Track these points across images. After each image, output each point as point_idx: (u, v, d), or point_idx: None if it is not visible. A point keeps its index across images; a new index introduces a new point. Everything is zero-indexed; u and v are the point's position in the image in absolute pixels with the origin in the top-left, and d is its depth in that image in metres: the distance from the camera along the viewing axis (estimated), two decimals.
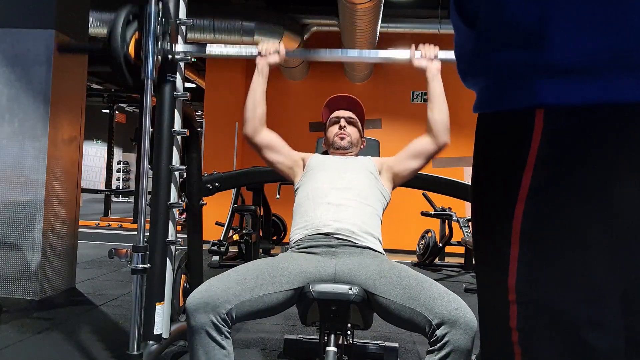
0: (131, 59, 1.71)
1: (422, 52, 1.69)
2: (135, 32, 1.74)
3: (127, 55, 1.69)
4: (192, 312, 1.33)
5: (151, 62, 1.69)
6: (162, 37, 1.74)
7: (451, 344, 1.29)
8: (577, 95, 0.53)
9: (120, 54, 1.66)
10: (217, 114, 6.75)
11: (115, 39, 1.65)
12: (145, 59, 1.69)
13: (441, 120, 1.70)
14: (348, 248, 1.56)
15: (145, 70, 1.69)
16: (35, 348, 2.33)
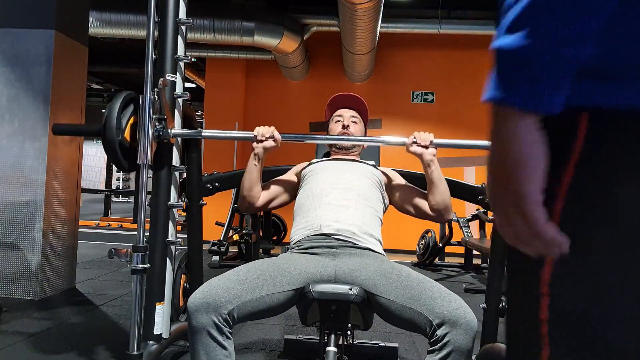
0: (127, 143, 1.73)
1: (417, 139, 1.68)
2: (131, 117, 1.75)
3: (123, 140, 1.71)
4: (193, 312, 1.33)
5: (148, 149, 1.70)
6: (158, 122, 1.74)
7: (452, 344, 1.28)
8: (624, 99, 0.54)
9: (115, 141, 1.68)
10: (217, 114, 6.75)
11: (110, 127, 1.67)
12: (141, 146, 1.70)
13: (442, 202, 1.70)
14: (348, 249, 1.56)
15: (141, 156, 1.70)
16: (35, 348, 2.32)
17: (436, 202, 1.71)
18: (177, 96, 1.87)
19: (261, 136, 1.72)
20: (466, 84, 6.53)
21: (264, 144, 1.71)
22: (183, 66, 1.92)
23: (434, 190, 1.71)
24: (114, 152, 1.70)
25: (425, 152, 1.69)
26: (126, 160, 1.74)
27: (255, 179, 1.75)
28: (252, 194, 1.75)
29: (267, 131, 1.72)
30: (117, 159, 1.72)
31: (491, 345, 2.03)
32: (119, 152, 1.70)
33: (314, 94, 6.67)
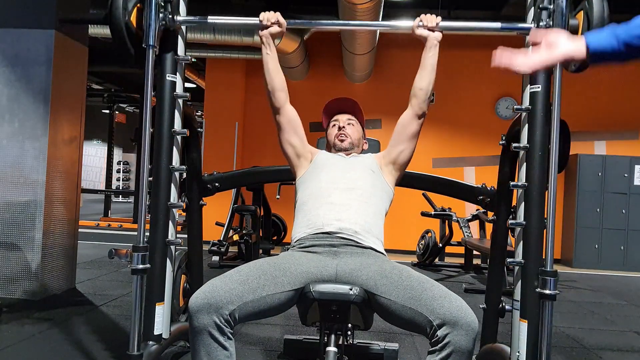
0: (133, 28, 1.71)
1: (423, 21, 1.71)
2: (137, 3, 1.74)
3: (129, 23, 1.69)
4: (194, 312, 1.33)
5: (153, 30, 1.70)
6: (164, 7, 1.74)
7: (452, 345, 1.28)
8: None
9: (121, 22, 1.66)
10: (217, 114, 6.75)
11: (116, 7, 1.66)
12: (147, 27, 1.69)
13: (426, 88, 1.77)
14: (350, 248, 1.55)
15: (146, 38, 1.69)
16: (35, 348, 2.32)
17: (420, 88, 1.77)
18: (177, 96, 1.87)
19: (266, 21, 1.73)
20: (466, 84, 6.53)
21: (270, 30, 1.73)
22: (183, 66, 1.92)
23: (424, 75, 1.77)
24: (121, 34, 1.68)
25: (431, 35, 1.74)
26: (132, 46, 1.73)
27: (274, 69, 1.76)
28: (276, 84, 1.76)
29: (272, 16, 1.75)
30: (123, 40, 1.70)
31: (491, 345, 2.03)
32: (125, 34, 1.68)
33: (314, 94, 6.66)
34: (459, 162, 6.48)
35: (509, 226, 1.75)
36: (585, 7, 1.51)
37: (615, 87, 6.49)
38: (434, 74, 1.77)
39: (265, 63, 1.77)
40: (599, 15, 1.47)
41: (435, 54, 1.75)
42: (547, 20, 1.57)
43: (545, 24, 1.58)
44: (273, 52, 1.77)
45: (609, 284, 5.05)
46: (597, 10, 1.48)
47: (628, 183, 6.03)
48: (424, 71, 1.77)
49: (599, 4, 1.48)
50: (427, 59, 1.76)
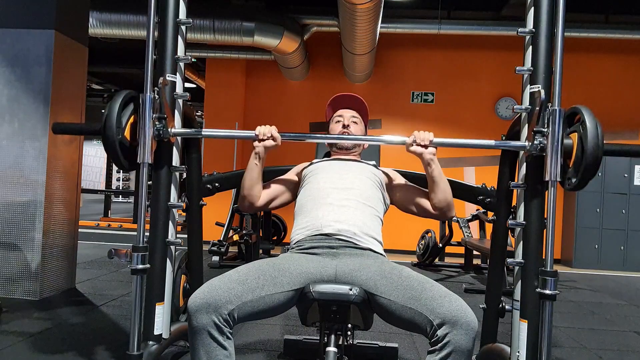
0: (127, 142, 1.72)
1: (417, 138, 1.68)
2: (132, 116, 1.74)
3: (123, 139, 1.71)
4: (193, 312, 1.33)
5: (147, 147, 1.69)
6: (159, 121, 1.74)
7: (452, 344, 1.29)
8: None
9: (115, 140, 1.67)
10: (217, 114, 6.75)
11: (110, 125, 1.67)
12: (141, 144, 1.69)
13: (444, 199, 1.71)
14: (349, 249, 1.56)
15: (141, 155, 1.70)
16: (35, 348, 2.32)
17: (438, 200, 1.71)
18: (177, 96, 1.87)
19: (262, 135, 1.72)
20: (466, 84, 6.53)
21: (265, 143, 1.72)
22: (183, 66, 1.92)
23: (435, 189, 1.71)
24: (114, 151, 1.70)
25: (425, 152, 1.69)
26: (126, 160, 1.74)
27: (256, 178, 1.75)
28: (252, 193, 1.75)
29: (267, 130, 1.72)
30: (117, 157, 1.72)
31: (491, 345, 2.03)
32: (118, 151, 1.70)
33: (314, 94, 6.67)
34: (459, 162, 6.48)
35: (509, 226, 1.75)
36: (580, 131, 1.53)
37: (615, 87, 6.49)
38: (445, 183, 1.71)
39: (250, 170, 1.74)
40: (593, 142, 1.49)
41: (437, 167, 1.70)
42: (542, 140, 1.58)
43: (539, 143, 1.59)
44: (261, 165, 1.75)
45: (609, 284, 5.05)
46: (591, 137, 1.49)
47: (628, 183, 6.03)
48: (434, 186, 1.71)
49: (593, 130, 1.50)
50: (430, 174, 1.70)
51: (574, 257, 6.06)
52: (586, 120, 1.52)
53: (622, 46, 6.34)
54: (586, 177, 1.52)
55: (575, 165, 1.54)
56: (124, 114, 1.73)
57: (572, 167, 1.56)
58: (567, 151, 1.57)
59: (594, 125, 1.51)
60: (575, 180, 1.53)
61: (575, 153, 1.55)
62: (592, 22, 5.57)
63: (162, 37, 1.86)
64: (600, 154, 1.49)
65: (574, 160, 1.55)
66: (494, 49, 6.38)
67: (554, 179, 1.55)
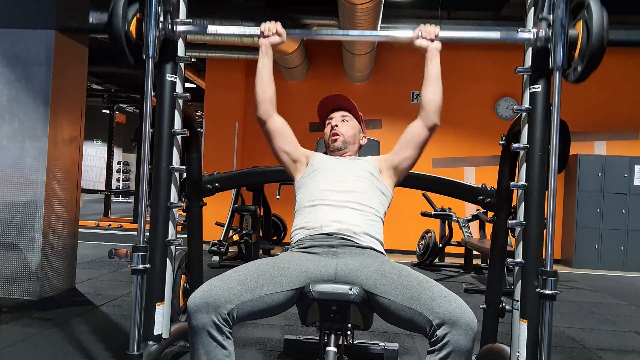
0: (132, 38, 1.71)
1: (422, 32, 1.69)
2: (137, 13, 1.74)
3: (128, 33, 1.69)
4: (193, 312, 1.33)
5: (152, 41, 1.69)
6: (164, 17, 1.74)
7: (452, 344, 1.28)
8: None
9: (121, 32, 1.66)
10: (217, 114, 6.75)
11: (116, 17, 1.66)
12: (146, 37, 1.69)
13: (434, 99, 1.73)
14: (349, 248, 1.55)
15: (146, 48, 1.69)
16: (35, 348, 2.32)
17: (427, 100, 1.73)
18: (177, 96, 1.87)
19: (267, 31, 1.72)
20: (466, 84, 6.53)
21: (270, 39, 1.72)
22: (183, 66, 1.92)
23: (428, 86, 1.73)
24: (121, 43, 1.68)
25: (431, 45, 1.71)
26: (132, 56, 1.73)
27: (267, 79, 1.75)
28: (266, 96, 1.74)
29: (272, 26, 1.73)
30: (123, 50, 1.70)
31: (491, 345, 2.03)
32: (125, 43, 1.68)
33: (314, 94, 6.66)
34: (459, 162, 6.47)
35: (509, 226, 1.75)
36: (585, 17, 1.51)
37: (615, 87, 6.49)
38: (439, 84, 1.73)
39: (260, 73, 1.75)
40: (599, 24, 1.47)
41: (438, 64, 1.73)
42: (547, 30, 1.57)
43: (544, 33, 1.58)
44: (270, 62, 1.75)
45: (609, 284, 5.05)
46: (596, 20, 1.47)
47: (628, 183, 6.03)
48: (428, 82, 1.73)
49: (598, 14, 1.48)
50: (430, 70, 1.72)
51: (574, 257, 6.06)
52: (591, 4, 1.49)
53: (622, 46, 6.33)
54: (591, 65, 1.50)
55: (581, 54, 1.52)
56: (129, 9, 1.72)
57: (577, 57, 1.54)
58: (572, 42, 1.54)
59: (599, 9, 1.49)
60: (581, 67, 1.51)
61: (581, 42, 1.52)
62: None
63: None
64: (605, 37, 1.46)
65: (579, 49, 1.53)
66: (494, 49, 6.37)
67: (559, 64, 1.53)
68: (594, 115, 6.43)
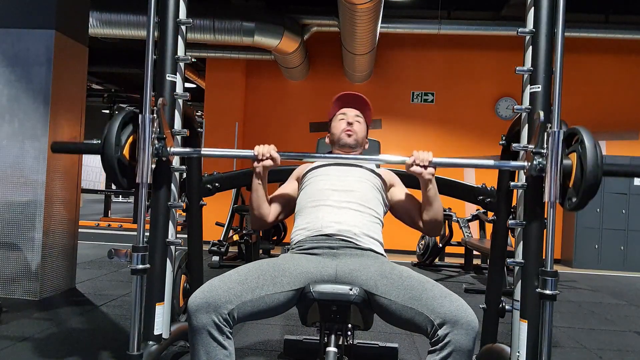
0: (125, 161, 1.71)
1: (417, 159, 1.67)
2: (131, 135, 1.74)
3: (122, 158, 1.70)
4: (193, 312, 1.33)
5: (146, 167, 1.69)
6: (158, 141, 1.73)
7: (453, 344, 1.29)
8: None
9: (114, 158, 1.66)
10: (217, 114, 6.75)
11: (109, 144, 1.66)
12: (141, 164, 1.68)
13: (434, 220, 1.72)
14: (349, 250, 1.56)
15: (140, 175, 1.69)
16: (35, 348, 2.32)
17: (429, 219, 1.72)
18: (177, 96, 1.87)
19: (261, 156, 1.71)
20: (466, 84, 6.53)
21: (264, 163, 1.71)
22: (183, 66, 1.92)
23: (428, 209, 1.71)
24: (113, 170, 1.69)
25: (425, 172, 1.68)
26: (124, 178, 1.73)
27: (262, 197, 1.75)
28: (262, 212, 1.75)
29: (266, 150, 1.71)
30: (115, 176, 1.71)
31: (491, 345, 2.03)
32: (117, 170, 1.69)
33: (314, 94, 6.66)
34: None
35: (509, 226, 1.75)
36: (579, 151, 1.53)
37: (615, 87, 6.49)
38: (439, 204, 1.72)
39: (255, 191, 1.74)
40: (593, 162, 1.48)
41: (434, 187, 1.70)
42: (541, 160, 1.58)
43: (538, 163, 1.58)
44: (264, 183, 1.74)
45: (609, 284, 5.05)
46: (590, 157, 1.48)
47: (628, 183, 6.03)
48: (428, 206, 1.70)
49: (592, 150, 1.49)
50: (427, 193, 1.69)
51: (574, 257, 6.06)
52: (585, 140, 1.51)
53: (622, 46, 6.34)
54: (586, 197, 1.51)
55: (575, 186, 1.53)
56: (123, 132, 1.72)
57: (571, 188, 1.55)
58: (566, 171, 1.56)
59: (592, 145, 1.50)
60: (576, 200, 1.52)
61: (575, 174, 1.53)
62: (592, 22, 5.57)
63: (162, 37, 1.86)
64: (600, 174, 1.48)
65: (573, 181, 1.54)
66: (494, 49, 6.37)
67: (553, 200, 1.54)
68: (594, 115, 6.44)
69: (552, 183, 1.54)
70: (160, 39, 1.85)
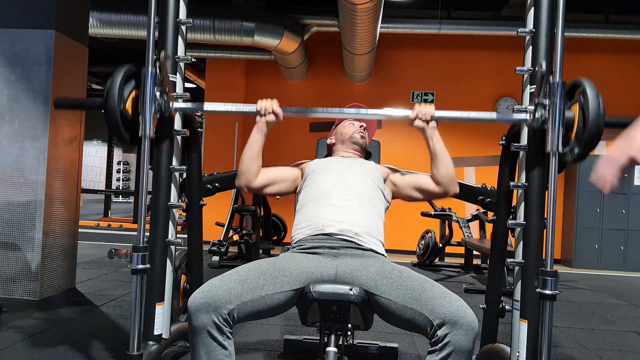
0: (128, 116, 1.71)
1: (419, 114, 1.68)
2: (133, 90, 1.74)
3: (124, 112, 1.69)
4: (194, 312, 1.33)
5: (148, 120, 1.69)
6: (160, 95, 1.73)
7: (452, 345, 1.29)
8: None
9: (117, 111, 1.66)
10: (217, 115, 6.74)
11: (112, 97, 1.66)
12: (143, 117, 1.68)
13: (447, 174, 1.70)
14: (350, 250, 1.56)
15: (142, 128, 1.69)
16: (35, 348, 2.32)
17: (441, 176, 1.70)
18: (177, 96, 1.87)
19: (264, 110, 1.71)
20: (466, 84, 6.53)
21: (267, 118, 1.71)
22: (183, 66, 1.92)
23: (437, 164, 1.70)
24: (116, 123, 1.68)
25: (427, 127, 1.69)
26: (127, 133, 1.73)
27: (256, 153, 1.72)
28: (251, 169, 1.71)
29: (268, 105, 1.71)
30: (118, 130, 1.70)
31: (491, 345, 2.03)
32: (120, 123, 1.69)
33: (314, 94, 6.66)
34: (459, 162, 6.47)
35: (509, 226, 1.75)
36: (581, 101, 1.53)
37: (615, 87, 6.49)
38: (448, 157, 1.70)
39: (251, 145, 1.71)
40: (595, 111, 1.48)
41: (439, 140, 1.70)
42: (543, 112, 1.58)
43: (540, 115, 1.58)
44: (263, 139, 1.72)
45: (609, 284, 5.05)
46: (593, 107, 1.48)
47: (628, 183, 6.03)
48: (436, 160, 1.70)
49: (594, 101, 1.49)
50: (432, 147, 1.70)
51: (574, 257, 6.06)
52: (587, 90, 1.51)
53: (622, 46, 6.34)
54: (588, 147, 1.51)
55: (577, 136, 1.53)
56: (125, 87, 1.71)
57: (574, 139, 1.55)
58: (568, 124, 1.56)
59: (595, 95, 1.50)
60: (578, 150, 1.52)
61: (577, 124, 1.53)
62: (592, 22, 5.57)
63: (162, 37, 1.86)
64: (602, 123, 1.48)
65: (575, 132, 1.54)
66: (494, 49, 6.37)
67: (555, 149, 1.54)
68: None
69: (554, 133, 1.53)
70: (160, 39, 1.86)
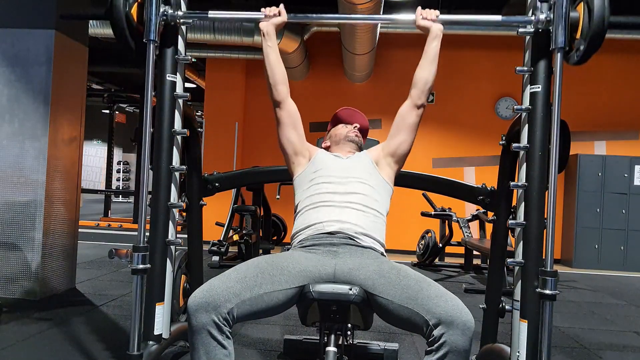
0: (134, 22, 1.71)
1: (424, 14, 1.74)
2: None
3: (130, 15, 1.68)
4: (193, 311, 1.33)
5: (154, 25, 1.69)
6: (165, 1, 1.75)
7: (448, 344, 1.28)
8: None
9: (122, 14, 1.65)
10: (217, 114, 6.75)
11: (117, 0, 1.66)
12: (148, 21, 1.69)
13: (427, 79, 1.80)
14: (349, 247, 1.55)
15: (147, 33, 1.69)
16: (35, 348, 2.32)
17: (421, 77, 1.80)
18: (177, 96, 1.87)
19: (268, 11, 1.78)
20: (466, 84, 6.53)
21: (272, 20, 1.76)
22: (183, 66, 1.92)
23: (425, 65, 1.80)
24: (121, 26, 1.68)
25: (434, 25, 1.75)
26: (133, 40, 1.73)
27: (275, 60, 1.79)
28: (276, 77, 1.79)
29: (274, 9, 1.79)
30: (123, 33, 1.69)
31: (491, 345, 2.03)
32: (126, 26, 1.68)
33: (314, 94, 6.66)
34: (459, 162, 6.47)
35: (509, 226, 1.75)
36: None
37: (615, 87, 6.49)
38: (435, 65, 1.79)
39: (267, 55, 1.79)
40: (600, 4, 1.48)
41: (438, 45, 1.79)
42: (548, 12, 1.57)
43: (545, 16, 1.58)
44: (274, 44, 1.79)
45: (609, 284, 5.05)
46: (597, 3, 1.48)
47: (628, 183, 6.03)
48: (425, 61, 1.81)
49: None
50: (430, 49, 1.79)
51: (574, 257, 6.06)
52: None
53: (622, 46, 6.33)
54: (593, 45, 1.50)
55: (583, 34, 1.53)
56: None
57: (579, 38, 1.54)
58: (573, 24, 1.55)
59: None
60: (583, 47, 1.52)
61: (582, 23, 1.53)
62: None
63: (162, 37, 1.86)
64: (607, 19, 1.47)
65: (580, 30, 1.54)
66: (494, 49, 6.37)
67: (560, 46, 1.54)
68: (594, 115, 6.44)
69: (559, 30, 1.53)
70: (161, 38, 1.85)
